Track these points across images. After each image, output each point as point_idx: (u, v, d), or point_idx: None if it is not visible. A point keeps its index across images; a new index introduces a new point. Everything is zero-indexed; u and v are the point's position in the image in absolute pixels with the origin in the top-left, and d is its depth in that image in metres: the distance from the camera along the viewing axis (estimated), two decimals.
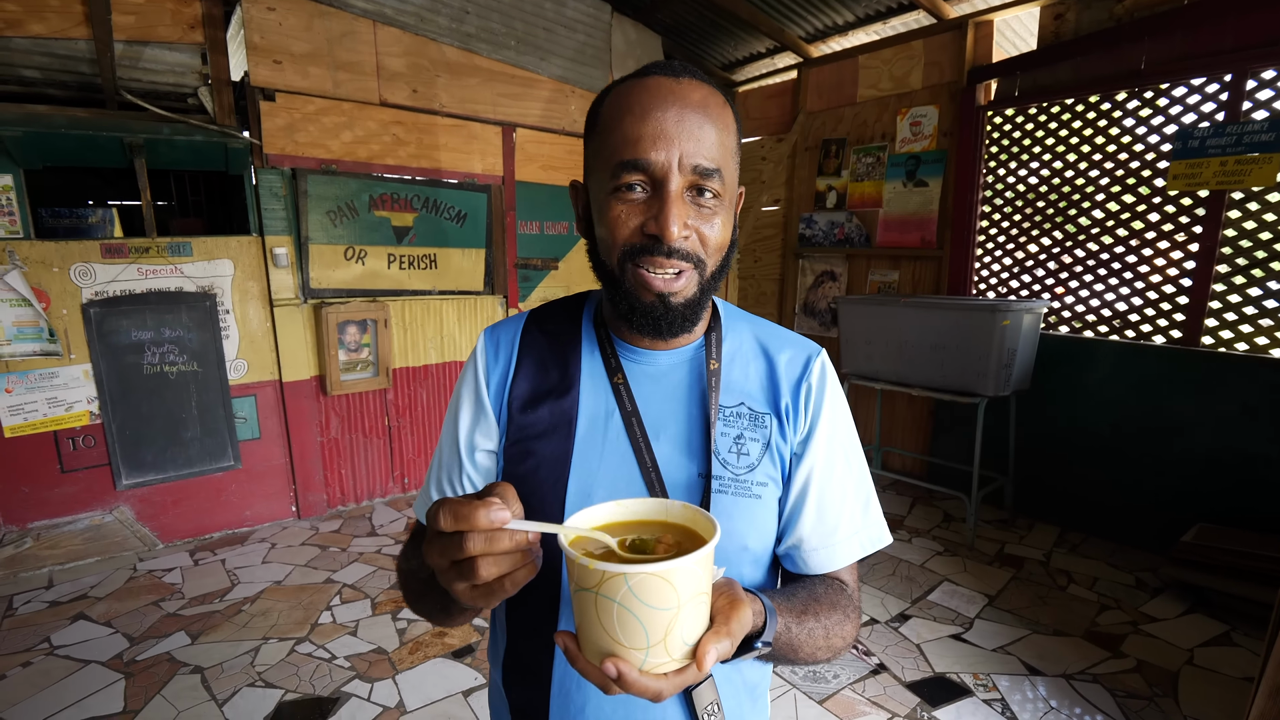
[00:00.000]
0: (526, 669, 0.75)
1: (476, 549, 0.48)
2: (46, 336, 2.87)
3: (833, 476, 0.77)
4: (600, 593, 0.47)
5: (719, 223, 0.67)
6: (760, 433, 0.75)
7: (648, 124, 0.63)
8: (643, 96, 0.64)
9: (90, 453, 3.05)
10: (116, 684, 2.29)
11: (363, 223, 3.54)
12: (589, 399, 0.75)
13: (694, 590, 0.49)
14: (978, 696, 2.24)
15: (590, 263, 0.75)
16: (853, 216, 4.36)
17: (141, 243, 3.01)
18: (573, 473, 0.72)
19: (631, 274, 0.67)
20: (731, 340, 0.79)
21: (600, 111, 0.69)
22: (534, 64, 4.02)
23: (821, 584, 0.77)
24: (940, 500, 3.98)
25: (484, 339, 0.81)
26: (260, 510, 3.53)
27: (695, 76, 0.67)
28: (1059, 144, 3.49)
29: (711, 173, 0.64)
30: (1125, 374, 3.27)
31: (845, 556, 0.77)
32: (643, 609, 0.46)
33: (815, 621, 0.70)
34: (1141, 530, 3.26)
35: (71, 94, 2.90)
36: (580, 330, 0.79)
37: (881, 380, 3.67)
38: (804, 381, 0.77)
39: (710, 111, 0.65)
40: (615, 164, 0.64)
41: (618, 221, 0.66)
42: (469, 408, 0.78)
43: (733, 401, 0.75)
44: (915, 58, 3.94)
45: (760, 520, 0.74)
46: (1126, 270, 3.30)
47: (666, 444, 0.73)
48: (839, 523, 0.77)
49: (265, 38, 3.14)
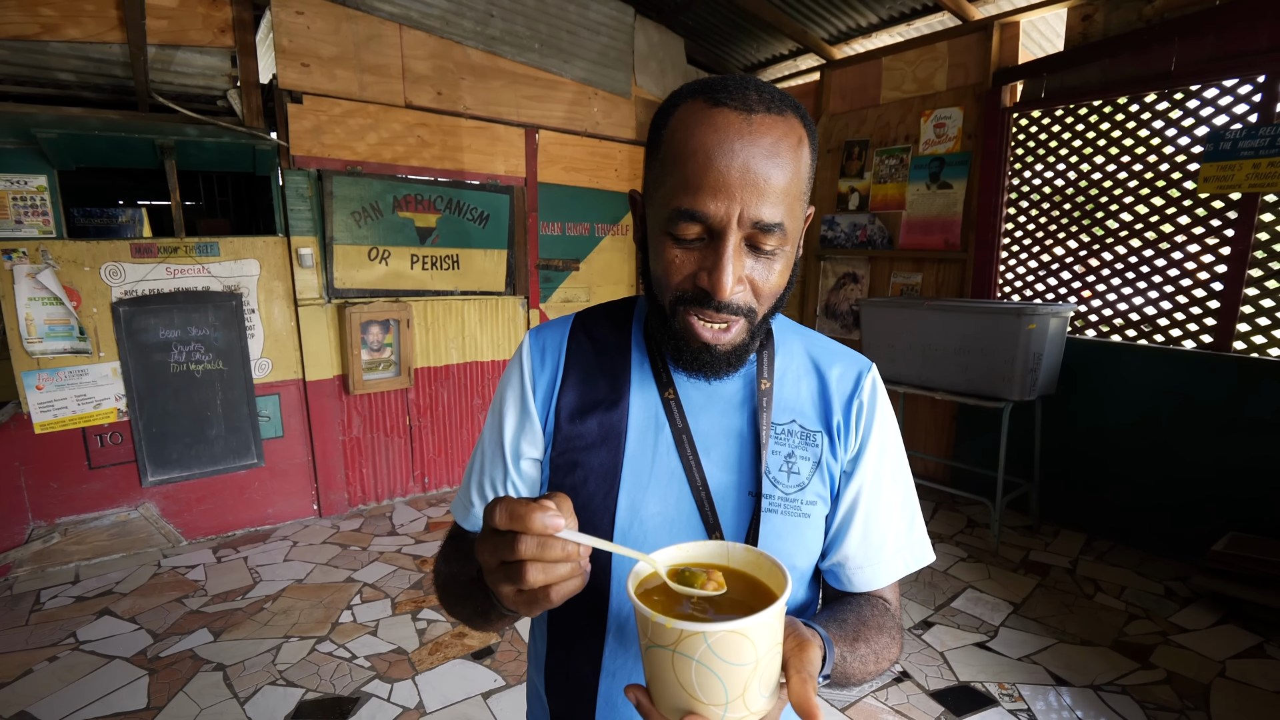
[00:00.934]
0: (568, 678, 0.74)
1: (528, 552, 0.47)
2: (77, 335, 2.91)
3: (880, 495, 0.76)
4: (679, 650, 0.46)
5: (778, 269, 0.65)
6: (811, 451, 0.74)
7: (710, 174, 0.59)
8: (709, 137, 0.59)
9: (117, 449, 3.09)
10: (140, 680, 2.31)
11: (386, 224, 3.57)
12: (639, 412, 0.74)
13: (771, 643, 0.48)
14: (1003, 706, 2.20)
15: (640, 279, 0.74)
16: (875, 218, 4.33)
17: (170, 243, 3.05)
18: (622, 487, 0.71)
19: (682, 319, 0.66)
20: (783, 356, 0.78)
21: (664, 133, 0.64)
22: (557, 66, 4.04)
23: (867, 605, 0.75)
24: (964, 506, 3.93)
25: (529, 342, 0.79)
26: (283, 508, 3.56)
27: (770, 109, 0.61)
28: (1086, 146, 3.44)
29: (772, 227, 0.61)
30: (1154, 378, 3.21)
31: (889, 575, 0.77)
32: (722, 665, 0.46)
33: (866, 647, 0.69)
34: (1171, 538, 3.19)
35: (105, 96, 2.96)
36: (630, 340, 0.78)
37: (904, 383, 3.63)
38: (855, 398, 0.76)
39: (780, 157, 0.60)
40: (673, 209, 0.62)
41: (671, 266, 0.64)
42: (515, 413, 0.77)
43: (784, 419, 0.74)
44: (939, 59, 3.91)
45: (808, 539, 0.74)
46: (1155, 274, 3.25)
47: (716, 462, 0.72)
48: (884, 541, 0.76)
49: (294, 41, 3.18)
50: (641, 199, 0.72)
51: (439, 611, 2.76)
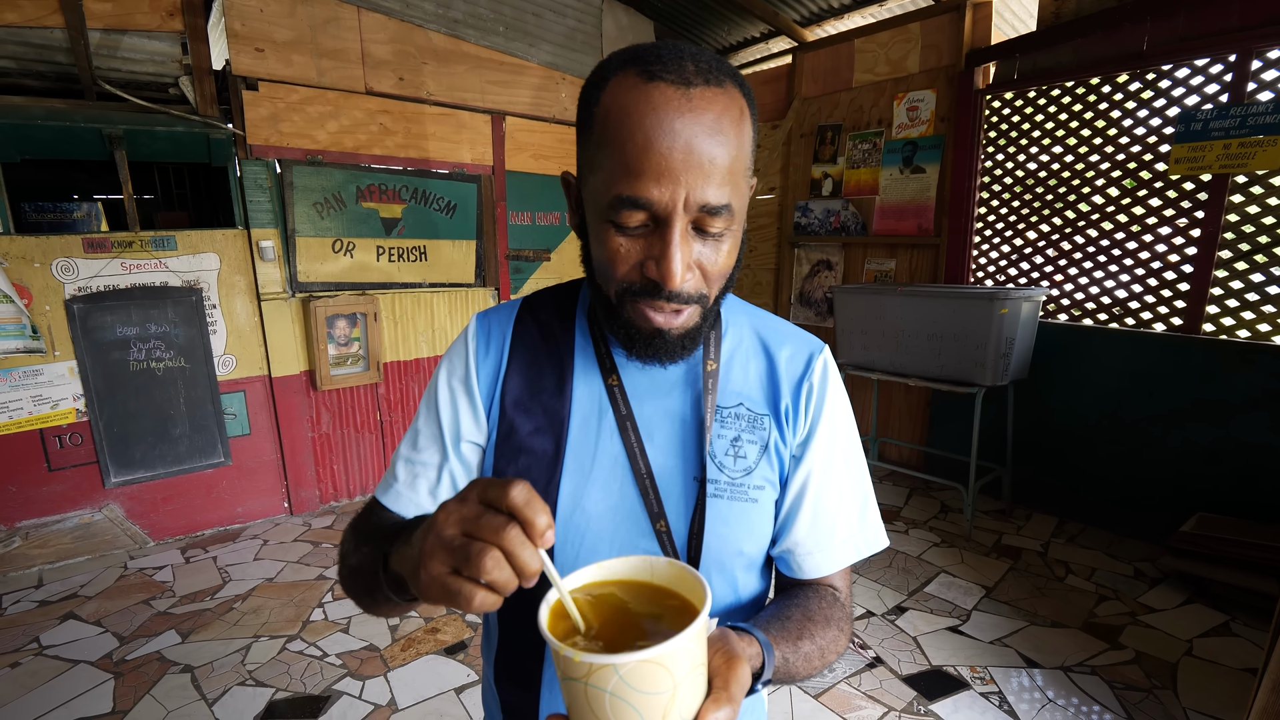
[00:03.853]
0: (517, 671, 0.74)
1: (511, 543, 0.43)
2: (30, 333, 2.82)
3: (831, 479, 0.74)
4: (590, 684, 0.43)
5: (726, 249, 0.62)
6: (759, 435, 0.72)
7: (650, 158, 0.55)
8: (646, 117, 0.55)
9: (78, 450, 3.01)
10: (106, 684, 2.26)
11: (350, 214, 3.49)
12: (582, 398, 0.72)
13: (689, 666, 0.45)
14: (975, 689, 2.22)
15: (583, 265, 0.70)
16: (849, 204, 4.30)
17: (124, 237, 2.96)
18: (565, 475, 0.69)
19: (630, 308, 0.63)
20: (731, 337, 0.76)
21: (595, 111, 0.59)
22: (523, 50, 3.95)
23: (815, 596, 0.73)
24: (937, 491, 3.95)
25: (475, 325, 0.77)
26: (252, 507, 3.50)
27: (709, 80, 0.57)
28: (1059, 128, 3.42)
29: (720, 209, 0.57)
30: (1125, 362, 3.23)
31: (840, 560, 0.75)
32: (637, 696, 0.43)
33: (811, 644, 0.67)
34: (1141, 520, 3.23)
35: (49, 84, 2.84)
36: (574, 325, 0.75)
37: (878, 370, 3.63)
38: (805, 381, 0.74)
39: (723, 134, 0.56)
40: (613, 196, 0.57)
41: (616, 256, 0.60)
42: (458, 395, 0.74)
43: (731, 402, 0.72)
44: (912, 41, 3.87)
45: (756, 524, 0.72)
46: (1127, 256, 3.25)
47: (661, 447, 0.70)
48: (835, 527, 0.74)
49: (246, 25, 3.07)
50: (576, 181, 0.67)
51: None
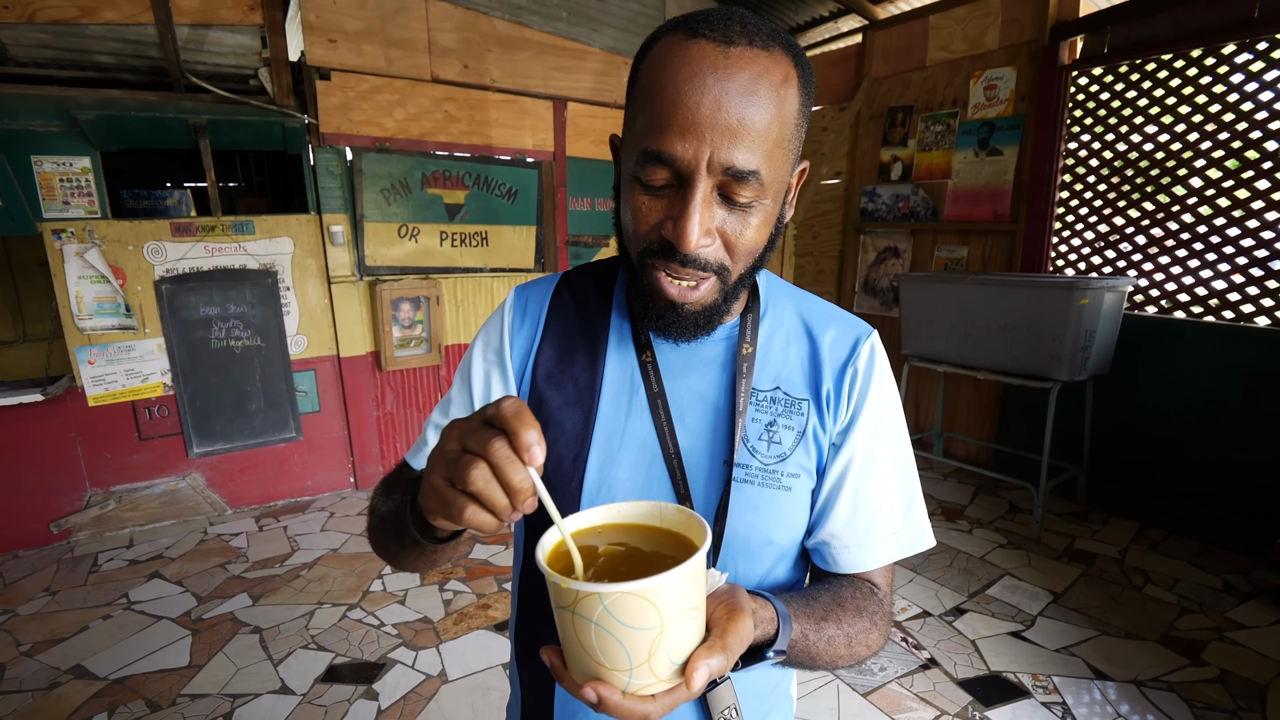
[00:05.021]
0: (533, 646, 0.74)
1: (497, 456, 0.43)
2: (123, 311, 3.03)
3: (873, 470, 0.70)
4: (577, 612, 0.44)
5: (754, 223, 0.59)
6: (796, 420, 0.69)
7: (679, 111, 0.53)
8: (680, 70, 0.54)
9: (164, 422, 3.23)
10: (184, 640, 2.43)
11: (416, 200, 3.59)
12: (614, 374, 0.71)
13: (680, 607, 0.45)
14: (1036, 698, 2.11)
15: (614, 230, 0.69)
16: (919, 189, 4.12)
17: (208, 221, 3.14)
18: (593, 451, 0.68)
19: (649, 273, 0.61)
20: (771, 319, 0.73)
21: (640, 69, 0.59)
22: (585, 35, 3.95)
23: (849, 586, 0.70)
24: (1006, 491, 3.76)
25: (513, 298, 0.77)
26: (320, 480, 3.68)
27: (752, 42, 0.55)
28: (1153, 105, 3.17)
29: (747, 175, 0.55)
30: (1219, 358, 2.98)
31: (880, 557, 0.71)
32: (622, 629, 0.43)
33: (837, 629, 0.64)
34: (1232, 529, 2.98)
35: (142, 78, 3.03)
36: (611, 300, 0.74)
37: (945, 362, 3.48)
38: (850, 366, 0.70)
39: (759, 95, 0.54)
40: (640, 150, 0.57)
41: (639, 215, 0.60)
42: (491, 366, 0.75)
43: (767, 385, 0.70)
44: (992, 15, 3.65)
45: (789, 514, 0.69)
46: (1227, 244, 2.99)
47: (690, 429, 0.68)
48: (876, 521, 0.70)
49: (320, 16, 3.19)
50: (619, 144, 0.67)
51: (465, 583, 2.81)
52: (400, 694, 2.16)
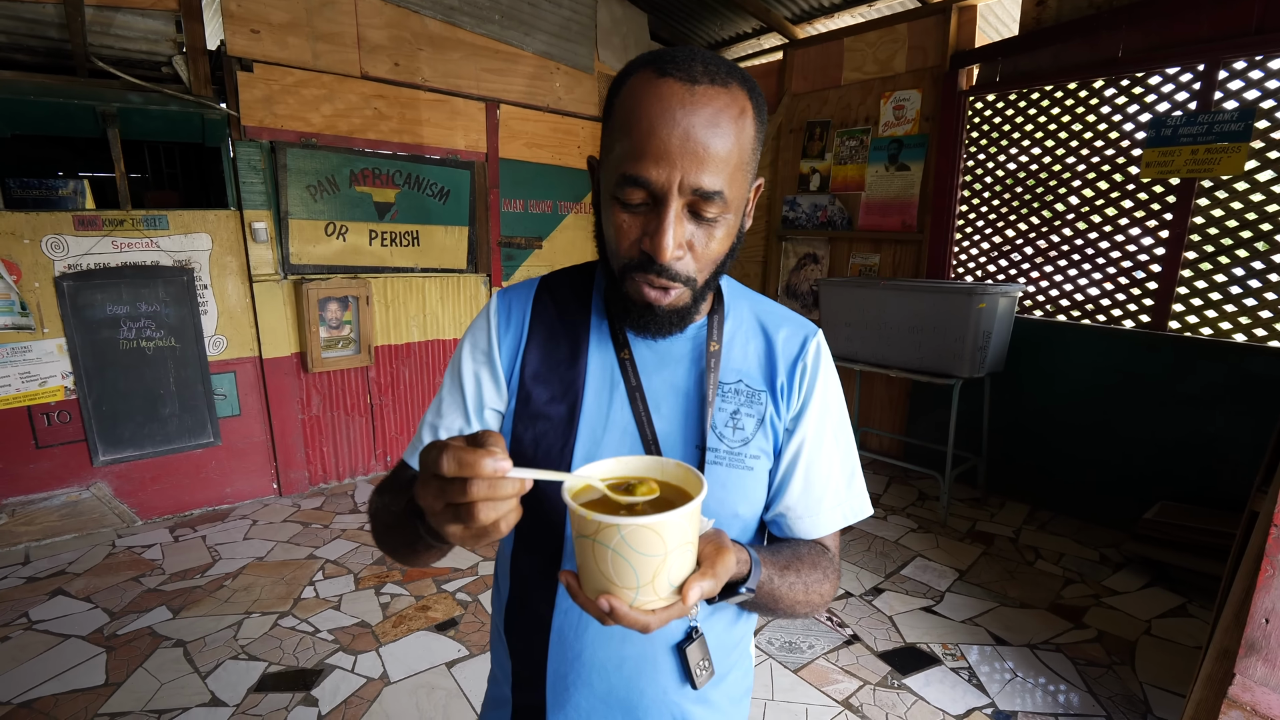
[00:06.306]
0: (529, 615, 0.80)
1: (479, 494, 0.50)
2: (18, 310, 2.81)
3: (821, 451, 0.81)
4: (597, 540, 0.53)
5: (719, 235, 0.69)
6: (756, 409, 0.79)
7: (652, 141, 0.63)
8: (653, 105, 0.63)
9: (66, 428, 3.01)
10: (98, 657, 2.29)
11: (344, 198, 3.50)
12: (596, 371, 0.79)
13: (680, 540, 0.54)
14: (946, 665, 2.33)
15: (595, 242, 0.77)
16: (835, 199, 4.40)
17: (115, 215, 2.95)
18: (578, 441, 0.76)
19: (629, 283, 0.71)
20: (733, 319, 0.83)
21: (615, 102, 0.68)
22: (518, 39, 3.98)
23: (805, 544, 0.82)
24: (915, 479, 4.07)
25: (497, 301, 0.84)
26: (241, 487, 3.52)
27: (714, 80, 0.64)
28: (1038, 130, 3.54)
29: (712, 195, 0.64)
30: (1095, 357, 3.36)
31: (828, 525, 0.83)
32: (634, 555, 0.53)
33: (796, 576, 0.75)
34: (1108, 508, 3.37)
35: (40, 60, 2.82)
36: (590, 304, 0.83)
37: (861, 361, 3.73)
38: (800, 361, 0.81)
39: (721, 127, 0.63)
40: (619, 174, 0.65)
41: (620, 231, 0.69)
42: (480, 366, 0.81)
43: (731, 379, 0.80)
44: (899, 41, 3.96)
45: (751, 490, 0.79)
46: (1099, 255, 3.38)
47: (666, 418, 0.77)
48: (824, 494, 0.82)
49: (242, 5, 3.07)
50: (597, 165, 0.76)
51: (403, 585, 2.78)
52: (341, 698, 2.13)
